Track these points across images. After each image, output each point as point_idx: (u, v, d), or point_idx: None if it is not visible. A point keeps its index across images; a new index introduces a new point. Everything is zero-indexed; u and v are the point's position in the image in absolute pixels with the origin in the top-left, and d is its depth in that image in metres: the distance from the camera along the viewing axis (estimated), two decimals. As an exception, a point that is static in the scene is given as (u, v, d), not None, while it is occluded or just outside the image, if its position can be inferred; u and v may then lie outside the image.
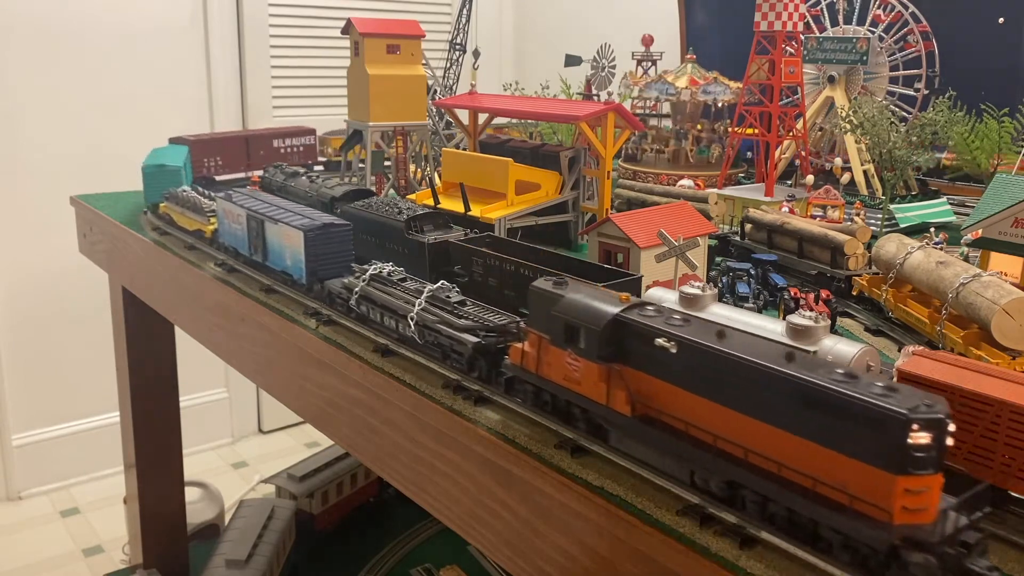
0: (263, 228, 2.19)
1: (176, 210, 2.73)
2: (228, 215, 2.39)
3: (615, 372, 1.29)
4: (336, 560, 3.89)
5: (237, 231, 2.34)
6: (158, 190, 2.85)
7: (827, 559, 1.07)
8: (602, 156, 2.50)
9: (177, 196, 2.74)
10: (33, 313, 4.72)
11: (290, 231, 2.05)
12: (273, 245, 2.17)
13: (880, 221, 2.62)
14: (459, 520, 1.58)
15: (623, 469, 1.32)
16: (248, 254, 2.29)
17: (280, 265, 2.14)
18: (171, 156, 3.10)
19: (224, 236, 2.44)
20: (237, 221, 2.33)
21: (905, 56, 3.25)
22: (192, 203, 2.64)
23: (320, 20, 5.33)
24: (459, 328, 1.62)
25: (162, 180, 2.87)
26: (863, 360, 1.30)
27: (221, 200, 2.42)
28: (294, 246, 2.05)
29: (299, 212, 2.16)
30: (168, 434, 3.60)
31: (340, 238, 2.05)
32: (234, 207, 2.34)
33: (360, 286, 1.86)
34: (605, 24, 5.28)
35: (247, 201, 2.33)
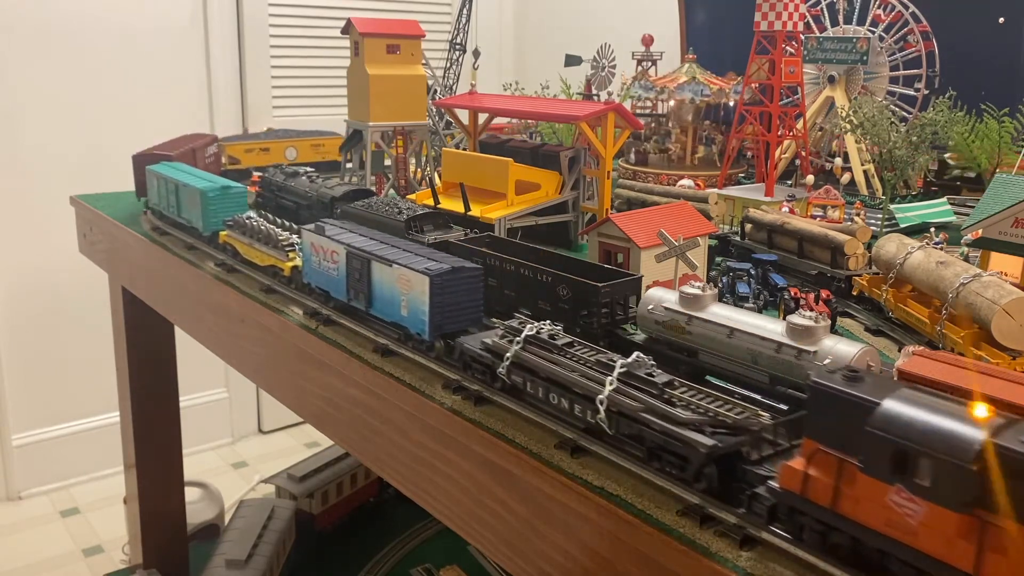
0: (368, 269, 1.83)
1: (242, 241, 2.35)
2: (318, 250, 2.01)
3: (985, 526, 0.89)
4: (336, 560, 3.89)
5: (330, 271, 1.97)
6: (220, 216, 2.48)
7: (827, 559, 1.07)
8: (602, 156, 2.50)
9: (244, 225, 2.35)
10: (33, 313, 4.72)
11: (409, 275, 1.71)
12: (382, 291, 1.81)
13: (880, 221, 2.62)
14: (459, 520, 1.58)
15: (623, 469, 1.32)
16: (344, 299, 1.93)
17: (391, 315, 1.79)
18: (209, 176, 2.73)
19: (310, 276, 2.06)
20: (331, 259, 1.96)
21: (905, 56, 3.25)
22: (264, 234, 2.25)
23: (320, 20, 5.33)
24: (681, 423, 1.23)
25: (225, 205, 2.51)
26: (863, 360, 1.30)
27: (309, 232, 2.04)
28: (413, 293, 1.70)
29: (413, 251, 1.82)
30: (168, 434, 3.60)
31: (470, 284, 1.71)
32: (328, 242, 1.97)
33: (513, 351, 1.50)
34: (605, 24, 5.28)
35: (344, 235, 1.97)
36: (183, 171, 2.77)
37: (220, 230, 2.47)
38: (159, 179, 2.80)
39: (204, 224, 2.51)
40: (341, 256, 1.92)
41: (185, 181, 2.61)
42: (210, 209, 2.50)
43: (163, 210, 2.80)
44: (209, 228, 2.51)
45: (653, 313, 1.59)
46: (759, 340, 1.40)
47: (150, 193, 2.90)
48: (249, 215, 2.39)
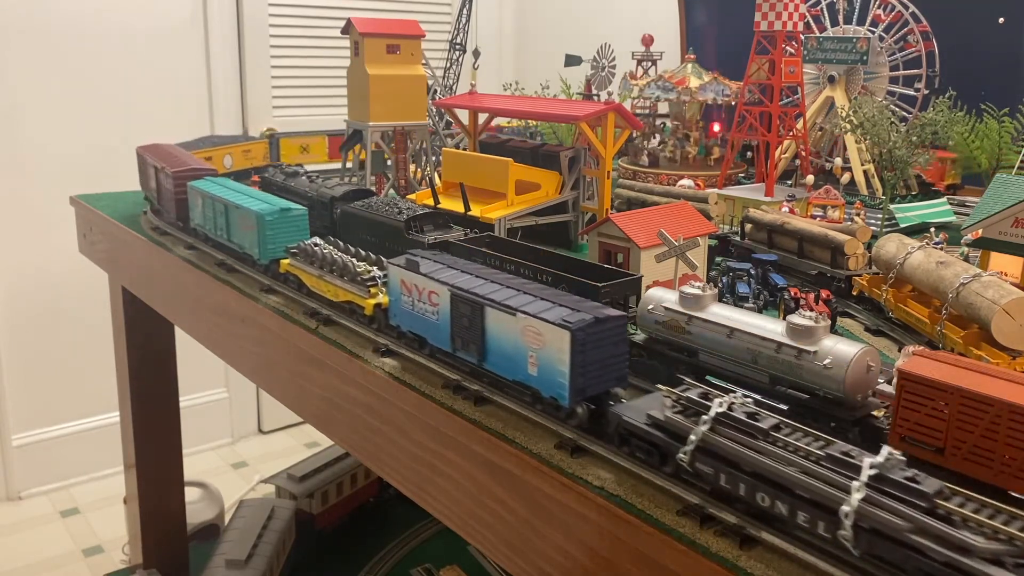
0: (481, 317, 1.54)
1: (310, 272, 2.06)
2: (410, 289, 1.71)
3: None
4: (336, 560, 3.89)
5: (427, 314, 1.67)
6: (279, 242, 2.19)
7: (827, 559, 1.07)
8: (602, 156, 2.50)
9: (312, 253, 2.06)
10: (33, 313, 4.72)
11: (541, 327, 1.41)
12: (500, 343, 1.51)
13: (880, 221, 2.62)
14: (459, 520, 1.58)
15: (623, 469, 1.32)
16: (448, 349, 1.63)
17: (513, 373, 1.50)
18: (262, 195, 2.43)
19: (400, 318, 1.76)
20: (428, 300, 1.67)
21: (905, 56, 3.25)
22: (339, 265, 1.96)
23: (320, 20, 5.33)
24: (975, 553, 0.94)
25: (285, 230, 2.20)
26: (863, 360, 1.30)
27: (398, 268, 1.75)
28: (547, 350, 1.41)
29: (540, 294, 1.52)
30: (168, 434, 3.60)
31: (615, 336, 1.41)
32: (424, 280, 1.67)
33: (700, 433, 1.20)
34: (605, 24, 5.28)
35: (445, 272, 1.67)
36: (231, 189, 2.47)
37: (280, 258, 2.19)
38: (204, 198, 2.49)
39: (261, 251, 2.20)
40: (443, 298, 1.62)
41: (237, 202, 2.31)
42: (268, 235, 2.18)
43: (208, 232, 2.51)
44: (267, 256, 2.20)
45: (653, 313, 1.59)
46: (759, 340, 1.40)
47: (192, 212, 2.59)
48: (316, 242, 2.10)
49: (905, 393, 1.20)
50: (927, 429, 1.17)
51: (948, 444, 1.15)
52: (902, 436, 1.20)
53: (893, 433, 1.21)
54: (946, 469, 1.15)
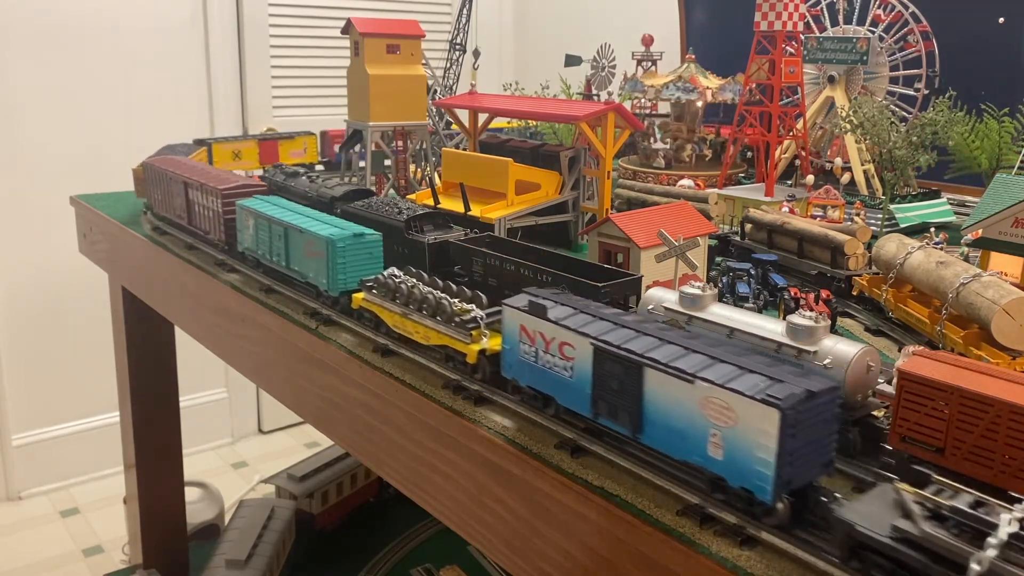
0: (639, 380, 1.25)
1: (392, 310, 1.79)
2: (533, 337, 1.43)
3: None
4: (336, 560, 3.89)
5: (558, 370, 1.39)
6: (352, 273, 1.94)
7: (827, 559, 1.07)
8: (602, 156, 2.50)
9: (395, 287, 1.79)
10: (33, 313, 4.72)
11: (732, 400, 1.13)
12: (665, 415, 1.23)
13: (880, 221, 2.62)
14: (459, 520, 1.58)
15: (623, 469, 1.32)
16: (588, 414, 1.36)
17: (682, 452, 1.22)
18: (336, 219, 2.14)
19: (517, 371, 1.48)
20: (558, 352, 1.39)
21: (905, 56, 3.25)
22: (431, 303, 1.71)
23: (320, 20, 5.33)
24: None
25: (358, 257, 1.95)
26: (863, 360, 1.30)
27: (517, 311, 1.46)
28: (739, 429, 1.13)
29: (708, 351, 1.24)
30: (168, 434, 3.60)
31: (826, 412, 1.14)
32: (555, 329, 1.39)
33: (987, 561, 0.92)
34: (605, 24, 5.28)
35: (578, 319, 1.38)
36: (289, 209, 2.24)
37: (353, 290, 1.94)
38: (257, 219, 2.25)
39: (330, 282, 1.95)
40: (582, 353, 1.35)
41: (300, 225, 2.06)
42: (339, 263, 1.93)
43: (262, 257, 2.26)
44: (337, 287, 1.95)
45: (653, 313, 1.59)
46: (759, 340, 1.40)
47: (241, 234, 2.34)
48: (395, 273, 1.84)
49: (905, 393, 1.20)
50: (927, 429, 1.17)
51: (948, 444, 1.15)
52: (902, 436, 1.20)
53: (893, 433, 1.21)
54: (946, 469, 1.15)
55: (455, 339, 1.63)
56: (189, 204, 2.60)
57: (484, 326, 1.61)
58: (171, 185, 2.72)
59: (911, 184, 3.06)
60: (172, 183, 2.71)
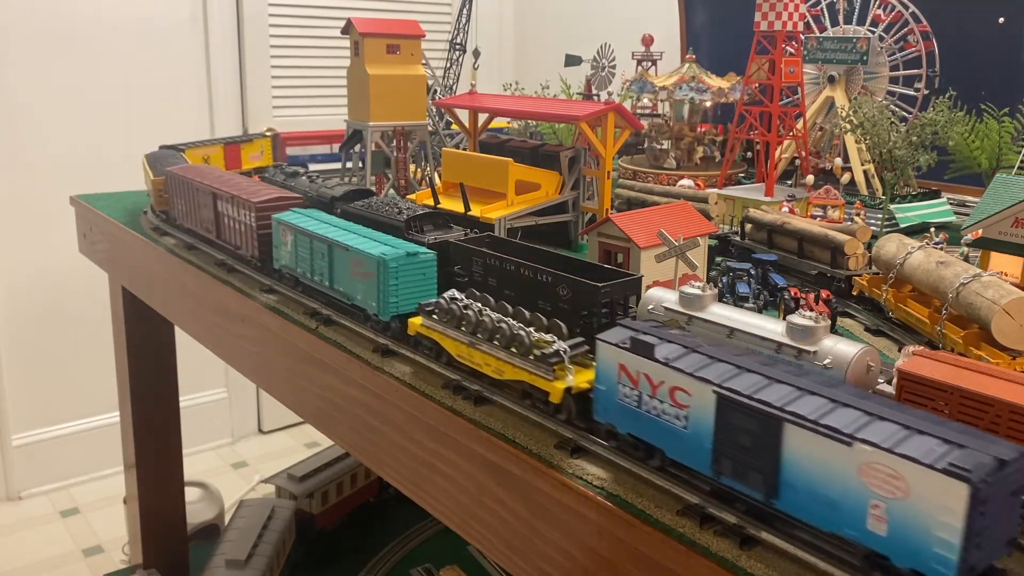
0: (778, 438, 1.08)
1: (456, 338, 1.63)
2: (635, 379, 1.26)
3: None
4: (336, 560, 3.89)
5: (668, 419, 1.22)
6: (406, 295, 1.79)
7: (827, 559, 1.07)
8: (602, 156, 2.50)
9: (459, 314, 1.63)
10: (33, 313, 4.72)
11: (905, 469, 0.96)
12: (811, 480, 1.05)
13: (880, 221, 2.62)
14: (459, 520, 1.58)
15: (623, 469, 1.32)
16: (706, 472, 1.19)
17: (833, 523, 1.04)
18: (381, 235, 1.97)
19: (614, 415, 1.32)
20: (671, 399, 1.21)
21: (905, 56, 3.25)
22: (504, 333, 1.53)
23: (320, 20, 5.33)
24: None
25: (411, 278, 1.80)
26: (863, 360, 1.30)
27: (616, 348, 1.29)
28: (911, 502, 0.96)
29: (859, 404, 1.07)
30: (168, 434, 3.60)
31: (1013, 485, 0.97)
32: (665, 370, 1.22)
33: None
34: (605, 24, 5.28)
35: (699, 361, 1.21)
36: (331, 224, 2.09)
37: (407, 314, 1.78)
38: (296, 234, 2.09)
39: (381, 305, 1.80)
40: (700, 401, 1.18)
41: (346, 241, 1.91)
42: (392, 285, 1.76)
43: (301, 276, 2.11)
44: (389, 311, 1.79)
45: (653, 313, 1.59)
46: (759, 340, 1.40)
47: (278, 250, 2.19)
48: (454, 295, 1.67)
49: (905, 393, 1.20)
50: (927, 429, 1.17)
51: (948, 444, 1.15)
52: (902, 436, 1.20)
53: (893, 433, 1.21)
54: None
55: (535, 375, 1.45)
56: (218, 217, 2.45)
57: (568, 360, 1.43)
58: (198, 196, 2.55)
59: (911, 184, 3.06)
60: (199, 194, 2.54)
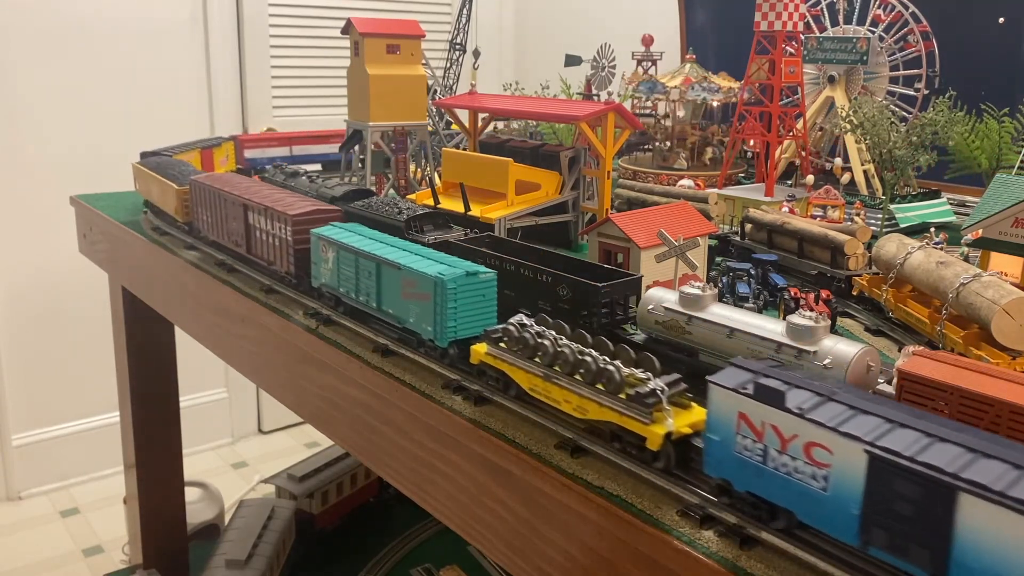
0: (951, 510, 0.91)
1: (530, 371, 1.45)
2: (760, 431, 1.10)
3: None
4: (336, 560, 3.89)
5: (802, 479, 1.06)
6: (466, 320, 1.64)
7: (827, 559, 1.07)
8: (602, 156, 2.50)
9: (534, 344, 1.45)
10: (33, 313, 4.72)
11: None
12: (997, 560, 0.88)
13: (880, 221, 2.62)
14: (459, 520, 1.58)
15: (623, 469, 1.32)
16: (852, 542, 1.02)
17: None
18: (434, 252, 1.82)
19: (732, 470, 1.15)
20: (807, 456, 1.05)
21: (905, 56, 3.25)
22: (590, 367, 1.34)
23: (320, 20, 5.33)
24: None
25: (471, 300, 1.64)
26: (863, 360, 1.30)
27: (736, 395, 1.12)
28: None
29: None
30: (168, 434, 3.60)
31: None
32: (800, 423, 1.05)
33: None
34: (605, 24, 5.28)
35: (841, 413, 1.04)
36: (376, 240, 1.93)
37: (468, 339, 1.63)
38: (339, 251, 1.93)
39: (439, 330, 1.64)
40: (848, 461, 1.00)
41: (396, 260, 1.75)
42: (451, 308, 1.61)
43: (344, 295, 1.95)
44: (447, 337, 1.63)
45: (653, 313, 1.59)
46: (759, 340, 1.40)
47: (317, 268, 2.03)
48: (523, 321, 1.50)
49: (905, 393, 1.20)
50: (927, 429, 1.17)
51: (948, 444, 1.15)
52: (902, 436, 1.20)
53: (893, 433, 1.21)
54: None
55: (629, 417, 1.28)
56: (249, 230, 2.29)
57: (666, 401, 1.25)
58: (227, 207, 2.39)
59: (911, 184, 3.06)
60: (228, 205, 2.38)
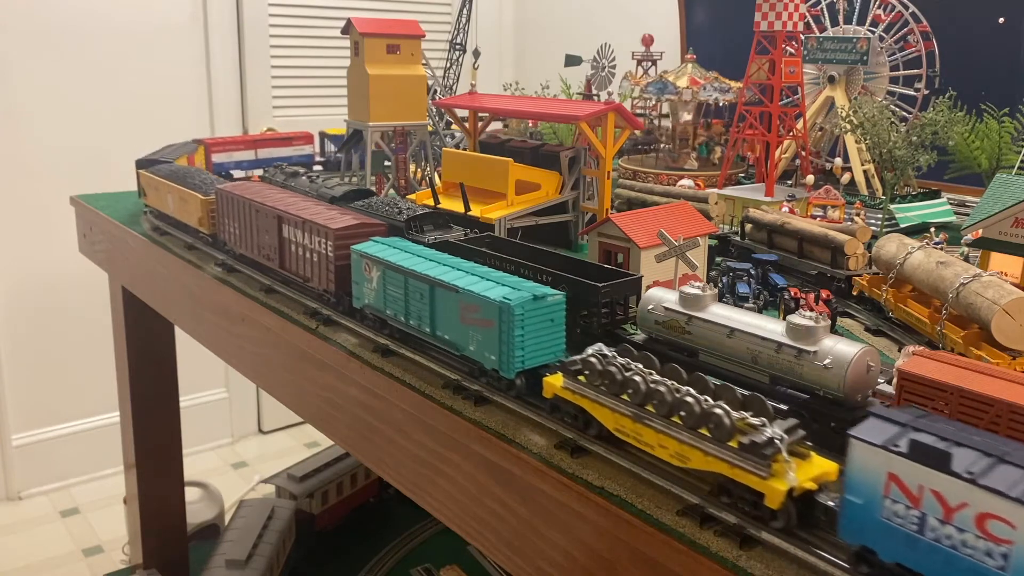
0: None
1: (617, 409, 1.30)
2: (917, 495, 0.95)
3: None
4: (336, 560, 3.89)
5: (972, 553, 0.90)
6: (536, 349, 1.48)
7: (827, 560, 1.07)
8: (602, 156, 2.50)
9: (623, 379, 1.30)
10: (33, 313, 4.72)
11: None
12: None
13: (880, 221, 2.62)
14: (459, 520, 1.58)
15: (623, 469, 1.32)
16: None
17: None
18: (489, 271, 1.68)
19: (876, 539, 1.00)
20: (980, 529, 0.89)
21: (905, 56, 3.25)
22: (692, 410, 1.19)
23: (320, 20, 5.33)
24: None
25: (540, 326, 1.49)
26: (863, 360, 1.30)
27: (879, 450, 0.97)
28: None
29: None
30: (168, 434, 3.60)
31: None
32: (973, 491, 0.89)
33: None
34: (605, 24, 5.28)
35: (1012, 477, 0.88)
36: (423, 257, 1.78)
37: (539, 368, 1.49)
38: (386, 269, 1.77)
39: (505, 360, 1.49)
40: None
41: (452, 281, 1.59)
42: (518, 336, 1.45)
43: (392, 319, 1.79)
44: (515, 368, 1.48)
45: (653, 313, 1.59)
46: (759, 340, 1.40)
47: (359, 287, 1.86)
48: (602, 351, 1.34)
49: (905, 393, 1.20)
50: (927, 429, 1.17)
51: (948, 444, 1.15)
52: (902, 436, 1.20)
53: (893, 433, 1.21)
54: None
55: (742, 469, 1.12)
56: (282, 243, 2.14)
57: (786, 451, 1.09)
58: (258, 219, 2.22)
59: (911, 184, 3.06)
60: (259, 216, 2.21)
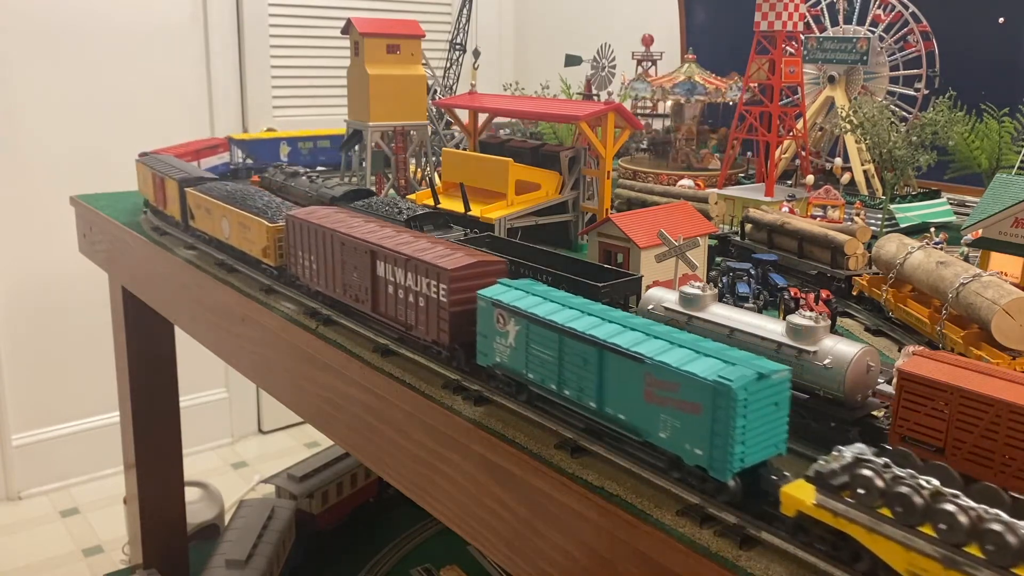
0: None
1: (906, 544, 0.97)
2: None
3: None
4: (336, 560, 3.89)
5: None
6: (759, 440, 1.17)
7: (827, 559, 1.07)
8: (602, 156, 2.50)
9: (917, 504, 0.96)
10: (33, 313, 4.72)
11: None
12: None
13: (880, 221, 2.62)
14: (459, 520, 1.58)
15: (623, 469, 1.32)
16: None
17: None
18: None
19: None
20: None
21: (905, 56, 3.25)
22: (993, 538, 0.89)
23: (320, 20, 5.33)
24: None
25: (763, 413, 1.17)
26: (863, 360, 1.30)
27: None
28: None
29: None
30: (168, 434, 3.60)
31: None
32: None
33: None
34: (605, 24, 5.28)
35: None
36: (572, 307, 1.44)
37: (760, 467, 1.19)
38: (526, 323, 1.44)
39: (718, 457, 1.16)
40: None
41: (630, 347, 1.28)
42: (738, 427, 1.14)
43: (536, 383, 1.45)
44: (734, 467, 1.15)
45: (653, 313, 1.59)
46: (759, 340, 1.40)
47: (488, 341, 1.53)
48: (868, 457, 1.03)
49: (905, 393, 1.20)
50: (927, 429, 1.17)
51: (948, 444, 1.15)
52: (902, 436, 1.20)
53: (893, 433, 1.21)
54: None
55: None
56: (376, 283, 1.83)
57: None
58: (345, 254, 1.90)
59: (911, 184, 3.06)
60: (346, 250, 1.89)
